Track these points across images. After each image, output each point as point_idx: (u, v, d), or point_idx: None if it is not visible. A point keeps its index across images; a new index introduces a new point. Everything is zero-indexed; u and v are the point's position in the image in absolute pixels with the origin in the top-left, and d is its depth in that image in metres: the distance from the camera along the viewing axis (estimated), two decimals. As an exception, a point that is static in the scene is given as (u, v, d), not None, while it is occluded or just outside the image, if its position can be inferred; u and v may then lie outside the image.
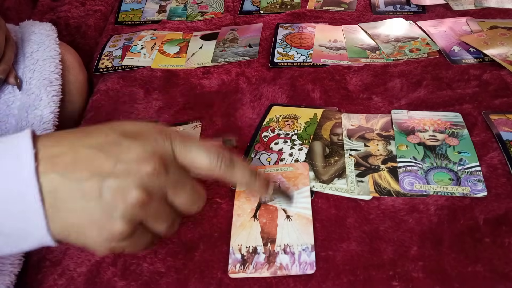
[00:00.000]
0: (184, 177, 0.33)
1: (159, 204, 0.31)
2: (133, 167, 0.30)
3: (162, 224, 0.32)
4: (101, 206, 0.29)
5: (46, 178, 0.29)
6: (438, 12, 0.76)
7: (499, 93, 0.56)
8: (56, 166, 0.29)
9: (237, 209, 0.44)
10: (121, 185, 0.29)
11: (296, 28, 0.75)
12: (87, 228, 0.30)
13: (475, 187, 0.44)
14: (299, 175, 0.46)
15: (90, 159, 0.30)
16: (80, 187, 0.29)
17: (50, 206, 0.29)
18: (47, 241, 0.30)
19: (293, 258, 0.40)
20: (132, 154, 0.30)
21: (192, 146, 0.33)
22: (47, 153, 0.30)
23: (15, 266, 0.41)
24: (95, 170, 0.29)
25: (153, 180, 0.30)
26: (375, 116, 0.54)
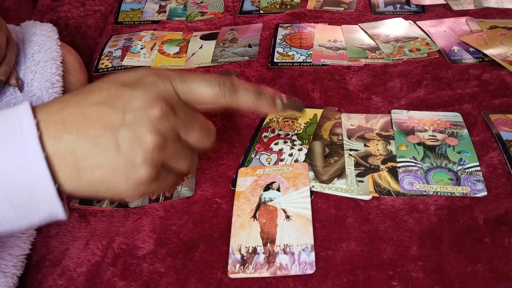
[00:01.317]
0: (191, 114, 0.33)
1: (175, 144, 0.32)
2: (142, 114, 0.31)
3: (182, 162, 0.33)
4: (122, 157, 0.30)
5: (61, 141, 0.30)
6: (438, 12, 0.76)
7: (499, 93, 0.56)
8: (68, 128, 0.30)
9: (237, 210, 0.44)
10: (134, 133, 0.30)
11: (296, 28, 0.75)
12: (114, 179, 0.31)
13: (475, 187, 0.44)
14: (299, 175, 0.46)
15: (98, 115, 0.31)
16: (96, 143, 0.30)
17: (72, 167, 0.30)
18: (58, 212, 0.31)
19: (293, 258, 0.40)
20: (137, 102, 0.31)
21: (192, 80, 0.34)
22: (56, 117, 0.31)
23: (17, 268, 0.41)
24: (107, 124, 0.30)
25: (164, 122, 0.31)
26: (375, 116, 0.54)
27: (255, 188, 0.46)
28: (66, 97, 0.33)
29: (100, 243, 0.44)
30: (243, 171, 0.48)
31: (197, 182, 0.49)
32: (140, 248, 0.43)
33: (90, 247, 0.44)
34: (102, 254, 0.43)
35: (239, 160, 0.51)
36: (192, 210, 0.46)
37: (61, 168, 0.30)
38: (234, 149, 0.52)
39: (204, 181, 0.49)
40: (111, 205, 0.48)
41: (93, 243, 0.44)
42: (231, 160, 0.51)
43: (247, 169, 0.48)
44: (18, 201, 0.30)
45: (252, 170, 0.48)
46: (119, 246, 0.43)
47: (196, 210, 0.46)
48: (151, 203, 0.47)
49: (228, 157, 0.51)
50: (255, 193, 0.45)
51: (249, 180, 0.47)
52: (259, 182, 0.46)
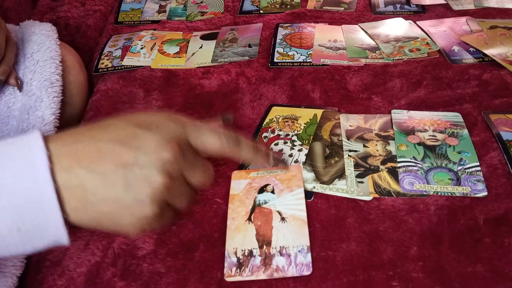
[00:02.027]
0: (197, 159, 0.36)
1: (180, 185, 0.34)
2: (154, 155, 0.32)
3: (183, 200, 0.35)
4: (131, 194, 0.32)
5: (72, 173, 0.31)
6: (438, 12, 0.76)
7: (499, 93, 0.56)
8: (81, 162, 0.31)
9: (232, 213, 0.44)
10: (145, 173, 0.32)
11: (296, 28, 0.75)
12: (120, 215, 0.32)
13: (475, 187, 0.44)
14: (293, 177, 0.46)
15: (112, 152, 0.32)
16: (107, 179, 0.31)
17: (80, 200, 0.31)
18: (62, 239, 0.32)
19: (289, 259, 0.39)
20: (151, 143, 0.33)
21: (203, 130, 0.37)
22: (70, 150, 0.32)
23: (17, 268, 0.41)
24: (119, 162, 0.32)
25: (173, 165, 0.33)
26: (374, 117, 0.54)
27: (249, 191, 0.46)
28: (80, 130, 0.34)
29: (100, 243, 0.44)
30: (236, 174, 0.48)
31: (197, 182, 0.49)
32: (140, 248, 0.43)
33: (90, 247, 0.44)
34: (102, 254, 0.43)
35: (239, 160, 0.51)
36: (192, 210, 0.46)
37: (69, 200, 0.31)
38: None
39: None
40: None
41: (93, 243, 0.44)
42: (231, 161, 0.51)
43: (241, 172, 0.48)
44: (25, 228, 0.31)
45: (245, 173, 0.48)
46: (119, 246, 0.43)
47: (196, 210, 0.46)
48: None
49: (228, 157, 0.51)
50: (250, 195, 0.45)
51: (243, 183, 0.47)
52: (253, 185, 0.46)
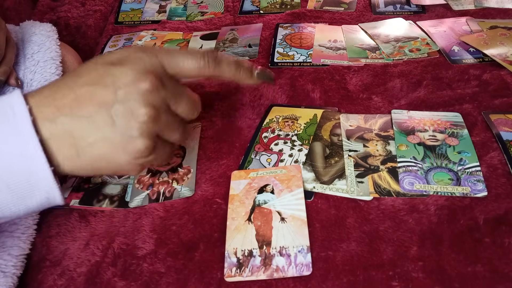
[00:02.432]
0: (179, 87, 0.35)
1: (167, 116, 0.34)
2: (132, 88, 0.32)
3: (175, 132, 0.35)
4: (118, 132, 0.32)
5: (57, 122, 0.31)
6: (438, 12, 0.76)
7: (499, 93, 0.56)
8: (62, 109, 0.31)
9: (231, 213, 0.44)
10: (128, 108, 0.32)
11: (296, 28, 0.75)
12: (113, 154, 0.32)
13: (475, 187, 0.44)
14: (292, 177, 0.46)
15: (90, 94, 0.32)
16: (92, 121, 0.31)
17: (71, 146, 0.31)
18: (54, 195, 0.32)
19: (289, 260, 0.40)
20: (126, 78, 0.32)
21: (178, 55, 0.36)
22: (49, 101, 0.32)
23: (17, 268, 0.41)
24: (100, 102, 0.32)
25: (154, 95, 0.33)
26: (374, 116, 0.54)
27: (249, 191, 0.46)
28: (55, 82, 0.34)
29: (100, 243, 0.44)
30: (236, 174, 0.48)
31: (197, 182, 0.49)
32: (140, 248, 0.43)
33: (90, 247, 0.44)
34: (102, 254, 0.43)
35: (239, 160, 0.51)
36: (192, 210, 0.46)
37: (60, 149, 0.31)
38: (234, 149, 0.52)
39: (204, 181, 0.49)
40: (111, 205, 0.48)
41: (93, 243, 0.44)
42: (231, 160, 0.51)
43: (240, 172, 0.48)
44: (14, 184, 0.30)
45: (245, 173, 0.48)
46: (119, 246, 0.43)
47: (196, 210, 0.46)
48: (151, 203, 0.47)
49: (228, 157, 0.51)
50: (249, 196, 0.45)
51: (242, 183, 0.47)
52: (252, 185, 0.46)
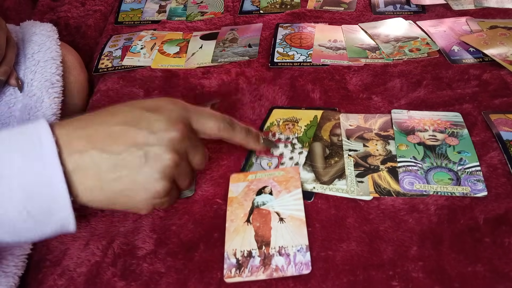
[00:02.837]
0: (198, 140, 0.40)
1: (185, 164, 0.38)
2: (163, 135, 0.35)
3: (187, 179, 0.39)
4: (143, 172, 0.35)
5: (86, 155, 0.33)
6: (438, 12, 0.76)
7: (499, 93, 0.56)
8: (93, 143, 0.34)
9: (230, 215, 0.44)
10: (157, 151, 0.35)
11: (296, 28, 0.75)
12: (134, 192, 0.35)
13: (475, 187, 0.44)
14: (290, 178, 0.46)
15: (123, 133, 0.35)
16: (121, 158, 0.34)
17: (95, 179, 0.34)
18: (69, 224, 0.33)
19: (288, 259, 0.40)
20: (159, 124, 0.36)
21: (204, 114, 0.40)
22: (80, 134, 0.34)
23: (18, 268, 0.41)
24: (131, 142, 0.34)
25: (180, 143, 0.36)
26: (373, 116, 0.54)
27: (248, 193, 0.46)
28: (87, 117, 0.36)
29: (100, 243, 0.44)
30: (234, 177, 0.48)
31: (198, 183, 0.49)
32: (140, 248, 0.43)
33: (90, 247, 0.44)
34: (102, 254, 0.43)
35: (240, 161, 0.51)
36: (192, 210, 0.46)
37: (83, 181, 0.33)
38: (234, 150, 0.52)
39: (205, 181, 0.49)
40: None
41: (93, 243, 0.44)
42: (231, 161, 0.51)
43: (239, 174, 0.48)
44: (34, 211, 0.32)
45: (243, 176, 0.48)
46: (119, 246, 0.43)
47: (196, 210, 0.46)
48: (151, 203, 0.47)
49: (228, 158, 0.51)
50: (248, 197, 0.45)
51: (241, 186, 0.47)
52: (251, 187, 0.46)
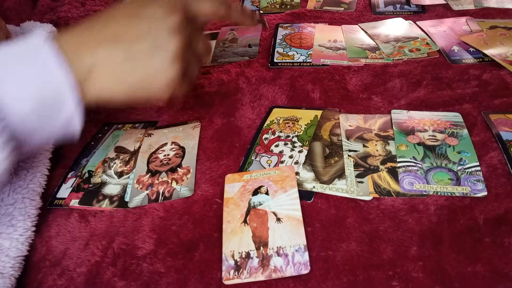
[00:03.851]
0: (198, 27, 0.43)
1: (191, 48, 0.41)
2: (166, 20, 0.38)
3: (195, 66, 0.42)
4: (156, 58, 0.37)
5: (98, 52, 0.36)
6: (438, 12, 0.76)
7: (499, 93, 0.56)
8: (104, 40, 0.36)
9: (227, 216, 0.44)
10: (164, 37, 0.37)
11: (296, 28, 0.75)
12: (152, 78, 0.38)
13: (475, 187, 0.44)
14: (286, 177, 0.46)
15: (127, 28, 0.37)
16: (132, 50, 0.36)
17: (113, 72, 0.36)
18: (75, 120, 0.36)
19: (287, 259, 0.39)
20: (159, 12, 0.38)
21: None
22: (89, 34, 0.37)
23: (15, 269, 0.41)
24: (137, 34, 0.37)
25: (184, 26, 0.39)
26: (373, 116, 0.54)
27: (244, 194, 0.46)
28: (90, 22, 0.38)
29: (100, 243, 0.44)
30: (229, 177, 0.48)
31: (197, 182, 0.49)
32: (140, 248, 0.43)
33: (90, 247, 0.44)
34: (102, 254, 0.43)
35: (239, 160, 0.51)
36: (192, 210, 0.46)
37: (101, 77, 0.36)
38: (234, 150, 0.52)
39: (204, 181, 0.49)
40: (111, 205, 0.48)
41: (93, 243, 0.44)
42: (231, 161, 0.51)
43: (234, 175, 0.48)
44: (44, 107, 0.34)
45: (239, 176, 0.48)
46: (119, 246, 0.43)
47: (196, 210, 0.46)
48: (151, 203, 0.47)
49: (228, 157, 0.51)
50: (244, 198, 0.45)
51: (236, 186, 0.47)
52: (247, 187, 0.46)
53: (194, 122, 0.57)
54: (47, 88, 0.34)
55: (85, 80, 0.36)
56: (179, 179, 0.49)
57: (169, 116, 0.59)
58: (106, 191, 0.49)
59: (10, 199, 0.45)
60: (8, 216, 0.44)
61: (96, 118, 0.61)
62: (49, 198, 0.49)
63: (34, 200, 0.46)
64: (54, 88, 0.34)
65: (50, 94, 0.34)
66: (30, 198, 0.45)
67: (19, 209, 0.44)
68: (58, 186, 0.51)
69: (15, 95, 0.33)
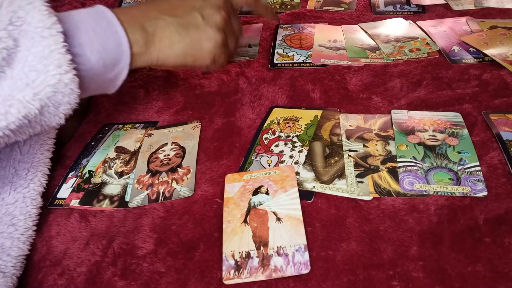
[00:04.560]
0: (235, 9, 0.54)
1: (231, 23, 0.51)
2: (213, 1, 0.49)
3: (233, 40, 0.52)
4: (204, 27, 0.47)
5: (159, 20, 0.45)
6: (438, 12, 0.76)
7: (499, 93, 0.56)
8: (163, 12, 0.46)
9: (227, 216, 0.44)
10: (210, 12, 0.48)
11: (296, 29, 0.75)
12: (200, 42, 0.47)
13: (475, 187, 0.44)
14: (286, 177, 0.46)
15: (182, 3, 0.48)
16: (186, 20, 0.47)
17: (171, 35, 0.46)
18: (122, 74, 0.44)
19: (287, 259, 0.39)
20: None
21: None
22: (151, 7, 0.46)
23: (17, 268, 0.41)
24: (190, 8, 0.47)
25: (225, 6, 0.50)
26: (373, 116, 0.54)
27: (244, 193, 0.46)
28: (146, 2, 0.49)
29: (100, 243, 0.44)
30: (230, 177, 0.48)
31: (197, 182, 0.49)
32: (140, 248, 0.43)
33: (90, 247, 0.44)
34: (102, 254, 0.43)
35: (239, 160, 0.51)
36: (192, 210, 0.46)
37: (162, 38, 0.45)
38: (234, 150, 0.52)
39: (204, 181, 0.49)
40: (111, 205, 0.48)
41: (93, 243, 0.44)
42: (231, 161, 0.51)
43: (234, 174, 0.48)
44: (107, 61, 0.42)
45: (239, 176, 0.48)
46: (119, 246, 0.43)
47: (196, 210, 0.46)
48: (151, 203, 0.47)
49: (228, 157, 0.51)
50: (244, 198, 0.45)
51: (236, 186, 0.47)
52: (247, 187, 0.46)
53: (194, 122, 0.57)
54: (110, 44, 0.41)
55: (149, 43, 0.44)
56: (179, 179, 0.49)
57: (170, 116, 0.59)
58: (106, 191, 0.49)
59: (11, 198, 0.45)
60: (9, 215, 0.44)
61: (96, 119, 0.61)
62: (50, 198, 0.49)
63: (35, 200, 0.46)
64: (115, 44, 0.42)
65: (111, 47, 0.41)
66: (31, 198, 0.46)
67: (20, 209, 0.44)
68: (58, 186, 0.51)
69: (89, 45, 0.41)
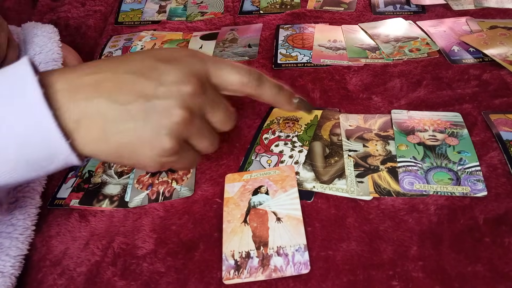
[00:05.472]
0: (218, 97, 0.36)
1: (200, 122, 0.35)
2: (174, 88, 0.32)
3: (204, 141, 0.36)
4: (149, 126, 0.32)
5: (93, 102, 0.31)
6: (438, 12, 0.76)
7: (499, 93, 0.56)
8: (101, 91, 0.31)
9: (227, 216, 0.44)
10: (165, 106, 0.32)
11: (296, 29, 0.75)
12: (139, 147, 0.33)
13: (475, 186, 0.44)
14: (286, 177, 0.46)
15: (132, 83, 0.32)
16: (128, 109, 0.32)
17: (101, 129, 0.32)
18: (73, 161, 0.32)
19: (287, 259, 0.40)
20: (171, 76, 0.33)
21: (224, 66, 0.36)
22: (89, 80, 0.32)
23: (16, 268, 0.41)
24: (139, 93, 0.32)
25: (193, 100, 0.33)
26: (373, 116, 0.54)
27: (244, 193, 0.46)
28: (98, 62, 0.34)
29: (100, 243, 0.44)
30: (230, 177, 0.48)
31: (197, 182, 0.49)
32: (140, 248, 0.43)
33: (90, 247, 0.44)
34: (102, 254, 0.43)
35: (239, 160, 0.51)
36: (192, 210, 0.46)
37: (89, 130, 0.31)
38: (234, 149, 0.52)
39: (204, 181, 0.49)
40: (111, 205, 0.48)
41: (93, 243, 0.44)
42: (231, 161, 0.51)
43: (234, 174, 0.48)
44: (33, 160, 0.31)
45: (239, 176, 0.48)
46: (119, 246, 0.43)
47: (196, 210, 0.46)
48: (151, 203, 0.47)
49: (228, 157, 0.51)
50: (244, 198, 0.45)
51: (236, 186, 0.47)
52: (247, 187, 0.46)
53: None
54: (32, 135, 0.30)
55: (73, 130, 0.31)
56: (179, 179, 0.49)
57: (169, 116, 0.59)
58: (106, 191, 0.49)
59: (11, 198, 0.45)
60: (8, 215, 0.44)
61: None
62: (49, 198, 0.49)
63: (34, 199, 0.46)
64: (41, 137, 0.30)
65: (36, 143, 0.30)
66: (31, 197, 0.46)
67: (19, 208, 0.44)
68: (58, 186, 0.51)
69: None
